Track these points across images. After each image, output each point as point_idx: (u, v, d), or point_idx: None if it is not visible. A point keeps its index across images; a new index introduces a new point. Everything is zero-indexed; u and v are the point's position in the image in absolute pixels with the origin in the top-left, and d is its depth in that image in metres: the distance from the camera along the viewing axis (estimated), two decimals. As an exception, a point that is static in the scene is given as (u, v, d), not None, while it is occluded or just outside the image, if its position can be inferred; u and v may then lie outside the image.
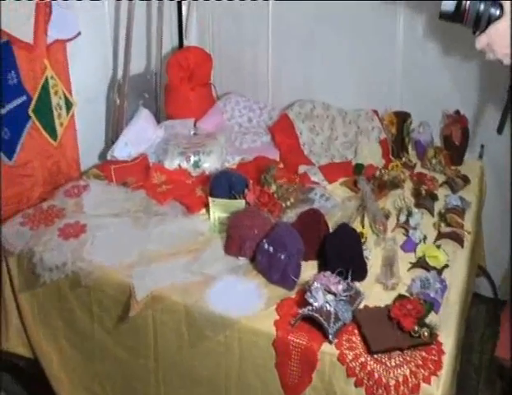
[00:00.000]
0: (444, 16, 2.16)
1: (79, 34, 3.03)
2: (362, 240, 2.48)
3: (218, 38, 3.86)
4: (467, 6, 2.09)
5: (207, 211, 2.76)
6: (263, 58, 3.74)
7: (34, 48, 2.80)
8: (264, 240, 2.38)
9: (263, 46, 3.72)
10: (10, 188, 2.83)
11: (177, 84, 3.56)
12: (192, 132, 3.46)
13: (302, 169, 3.18)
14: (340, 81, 3.56)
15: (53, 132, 3.01)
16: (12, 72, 2.73)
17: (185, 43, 3.89)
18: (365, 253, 2.42)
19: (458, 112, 3.31)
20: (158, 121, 3.57)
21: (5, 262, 2.63)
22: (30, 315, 2.68)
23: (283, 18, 3.60)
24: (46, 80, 2.90)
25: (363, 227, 2.65)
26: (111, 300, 2.42)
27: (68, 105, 3.07)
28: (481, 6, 2.07)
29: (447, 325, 2.10)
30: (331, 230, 2.53)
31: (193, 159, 3.13)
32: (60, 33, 2.93)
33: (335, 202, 2.85)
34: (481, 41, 2.10)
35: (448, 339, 2.04)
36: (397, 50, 3.36)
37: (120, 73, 3.40)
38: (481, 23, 2.10)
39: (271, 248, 2.34)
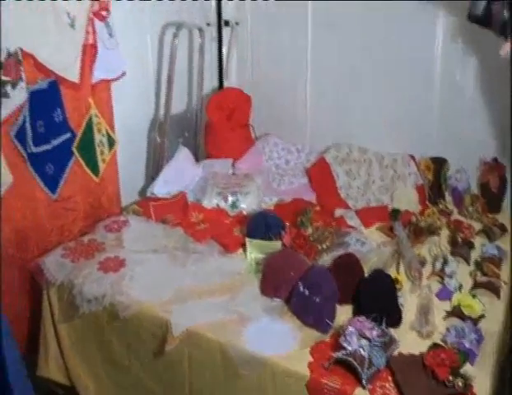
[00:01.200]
0: (472, 18, 2.17)
1: (124, 74, 3.11)
2: (397, 287, 2.47)
3: (258, 80, 3.92)
4: (494, 11, 2.10)
5: (244, 251, 2.80)
6: (301, 100, 3.78)
7: (80, 88, 2.90)
8: (300, 282, 2.39)
9: (302, 89, 3.76)
10: (52, 221, 2.91)
11: (217, 124, 3.62)
12: (230, 172, 3.52)
13: (338, 212, 3.19)
14: (376, 125, 3.57)
15: (95, 169, 3.09)
16: (58, 109, 2.82)
17: (225, 84, 3.98)
18: (400, 300, 2.41)
19: (495, 159, 3.30)
20: (197, 160, 3.64)
21: (46, 293, 2.69)
22: (69, 344, 2.73)
23: (321, 62, 3.64)
24: (90, 118, 3.00)
25: (398, 273, 2.64)
26: (148, 334, 2.46)
27: (111, 142, 3.15)
28: (508, 14, 2.08)
29: (482, 376, 2.07)
30: (366, 275, 2.53)
31: (230, 199, 3.17)
32: (105, 73, 3.02)
33: (371, 246, 2.85)
34: (505, 49, 2.11)
35: (483, 390, 2.01)
36: (435, 95, 3.36)
37: (162, 112, 3.49)
38: (506, 30, 2.10)
39: (306, 291, 2.36)
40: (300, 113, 3.81)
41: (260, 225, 2.85)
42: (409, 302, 2.44)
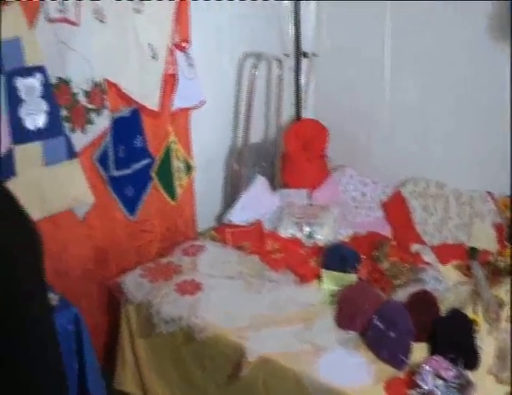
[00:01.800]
0: None
1: (202, 103, 3.19)
2: (475, 328, 2.40)
3: (335, 111, 3.91)
4: None
5: (319, 281, 2.79)
6: (378, 132, 3.76)
7: (160, 115, 3.01)
8: (375, 316, 2.37)
9: (379, 121, 3.74)
10: (130, 241, 3.00)
11: (293, 154, 3.65)
12: (306, 203, 3.52)
13: (414, 248, 3.13)
14: (454, 160, 3.50)
15: (172, 193, 3.17)
16: (139, 136, 2.93)
17: (303, 114, 3.99)
18: (478, 342, 2.32)
19: None
20: (274, 189, 3.66)
21: (125, 309, 2.77)
22: (146, 359, 2.78)
23: (399, 94, 3.61)
24: (169, 144, 3.09)
25: (475, 314, 2.55)
26: (223, 358, 2.47)
27: (188, 168, 3.22)
28: None
29: None
30: (442, 314, 2.47)
31: (306, 229, 3.17)
32: (184, 102, 3.11)
33: (447, 285, 2.77)
34: None
35: None
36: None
37: (240, 141, 3.53)
38: None
39: (381, 325, 2.33)
40: (376, 145, 3.78)
41: (336, 257, 2.84)
42: (486, 344, 2.34)
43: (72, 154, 2.56)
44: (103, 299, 2.90)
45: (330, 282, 2.74)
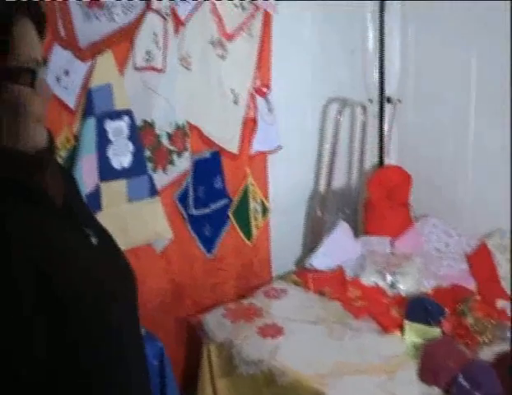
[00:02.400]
0: None
1: (280, 147, 3.28)
2: None
3: (418, 158, 3.86)
4: None
5: (402, 332, 2.76)
6: (462, 180, 3.68)
7: (239, 158, 3.12)
8: (460, 374, 2.31)
9: (463, 169, 3.67)
10: (206, 279, 3.10)
11: (376, 201, 3.64)
12: (388, 251, 3.49)
13: (500, 304, 3.01)
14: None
15: (248, 233, 3.26)
16: (218, 177, 3.05)
17: (386, 161, 3.98)
18: None
19: None
20: (356, 235, 3.65)
21: (206, 347, 2.82)
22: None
23: (485, 143, 3.54)
24: (246, 186, 3.19)
25: None
26: (304, 403, 2.47)
27: (264, 210, 3.31)
28: None
29: None
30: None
31: (389, 278, 3.15)
32: (263, 145, 3.22)
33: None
34: None
35: None
36: None
37: (322, 186, 3.58)
38: None
39: (467, 385, 2.27)
40: (460, 193, 3.70)
41: (419, 310, 2.80)
42: None
43: (153, 192, 2.69)
44: (179, 333, 2.98)
45: (413, 334, 2.70)
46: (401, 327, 2.77)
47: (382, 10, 3.77)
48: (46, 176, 1.15)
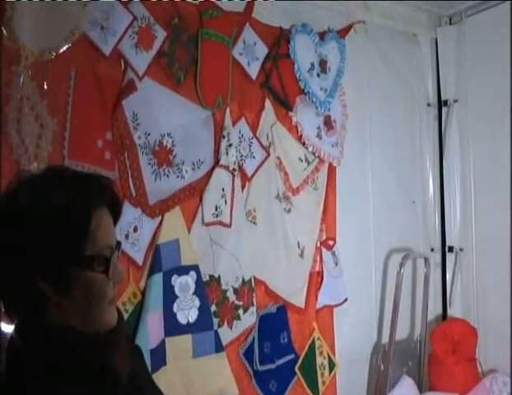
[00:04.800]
0: None
1: (346, 300, 3.23)
2: None
3: (483, 310, 3.75)
4: None
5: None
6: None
7: (305, 312, 3.08)
8: None
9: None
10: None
11: (441, 356, 3.51)
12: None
13: None
14: None
15: (315, 389, 3.14)
16: (284, 332, 2.99)
17: (449, 312, 3.88)
18: None
19: None
20: (420, 390, 3.51)
21: None
22: None
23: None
24: (313, 341, 3.12)
25: None
26: None
27: (331, 365, 3.21)
28: None
29: None
30: None
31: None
32: (329, 299, 3.18)
33: None
34: None
35: None
36: None
37: (384, 339, 3.49)
38: None
39: None
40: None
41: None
42: None
43: (219, 347, 2.65)
44: None
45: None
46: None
47: (441, 157, 3.81)
48: (114, 355, 1.17)
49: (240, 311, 2.75)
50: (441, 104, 3.90)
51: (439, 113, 3.91)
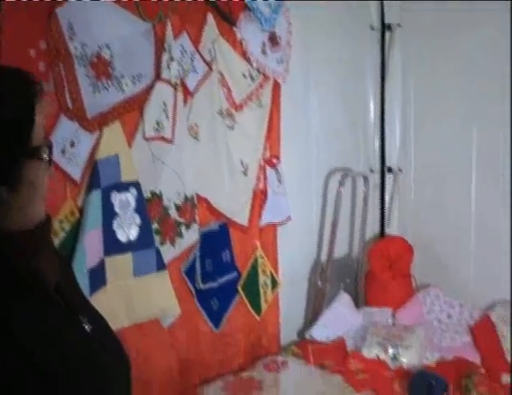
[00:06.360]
0: None
1: (289, 218, 3.22)
2: None
3: (420, 229, 3.86)
4: None
5: (406, 408, 2.67)
6: (465, 250, 3.68)
7: (248, 230, 3.05)
8: None
9: (465, 240, 3.66)
10: (213, 354, 2.96)
11: (377, 272, 3.61)
12: (390, 322, 3.44)
13: (505, 378, 2.95)
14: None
15: (257, 308, 3.15)
16: (227, 250, 2.96)
17: (387, 231, 3.96)
18: None
19: None
20: (357, 306, 3.60)
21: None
22: None
23: (486, 212, 3.56)
24: (256, 259, 3.10)
25: None
26: None
27: (274, 284, 3.22)
28: None
29: None
30: None
31: (391, 351, 3.07)
32: (273, 217, 3.15)
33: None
34: None
35: None
36: None
37: (324, 257, 3.52)
38: None
39: None
40: (463, 264, 3.69)
41: (423, 385, 2.73)
42: None
43: (161, 265, 2.59)
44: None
45: (417, 411, 2.62)
46: (405, 403, 2.68)
47: (383, 79, 3.80)
48: (41, 260, 1.14)
49: (183, 228, 2.69)
50: (384, 28, 3.87)
51: (382, 37, 3.89)
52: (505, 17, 3.29)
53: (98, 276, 2.39)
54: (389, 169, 3.93)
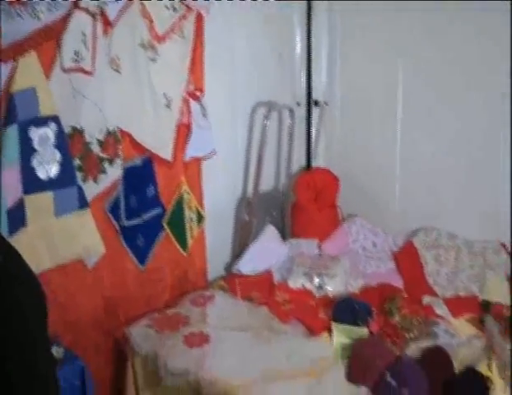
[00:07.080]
0: None
1: (214, 153, 3.19)
2: (489, 386, 2.34)
3: (346, 161, 3.90)
4: None
5: (329, 334, 2.74)
6: (389, 182, 3.74)
7: (173, 165, 3.01)
8: (387, 373, 2.32)
9: (390, 171, 3.72)
10: (140, 291, 2.97)
11: (304, 204, 3.63)
12: (316, 253, 3.49)
13: (426, 300, 3.08)
14: (466, 210, 3.46)
15: (183, 243, 3.15)
16: (151, 185, 2.92)
17: (313, 164, 3.98)
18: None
19: None
20: (284, 239, 3.63)
21: (131, 360, 2.71)
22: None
23: (411, 145, 3.61)
24: (181, 194, 3.08)
25: (490, 371, 2.48)
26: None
27: (200, 219, 3.22)
28: None
29: None
30: (456, 371, 2.42)
31: (316, 280, 3.13)
32: (197, 151, 3.11)
33: (460, 339, 2.71)
34: None
35: None
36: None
37: (250, 191, 3.52)
38: None
39: (393, 382, 2.29)
40: (387, 195, 3.75)
41: (347, 310, 2.79)
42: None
43: (83, 204, 2.54)
44: (110, 350, 2.86)
45: (341, 336, 2.68)
46: (329, 329, 2.76)
47: (309, 13, 3.75)
48: None
49: (106, 164, 2.62)
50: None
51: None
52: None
53: (17, 217, 2.32)
54: (316, 103, 3.92)
